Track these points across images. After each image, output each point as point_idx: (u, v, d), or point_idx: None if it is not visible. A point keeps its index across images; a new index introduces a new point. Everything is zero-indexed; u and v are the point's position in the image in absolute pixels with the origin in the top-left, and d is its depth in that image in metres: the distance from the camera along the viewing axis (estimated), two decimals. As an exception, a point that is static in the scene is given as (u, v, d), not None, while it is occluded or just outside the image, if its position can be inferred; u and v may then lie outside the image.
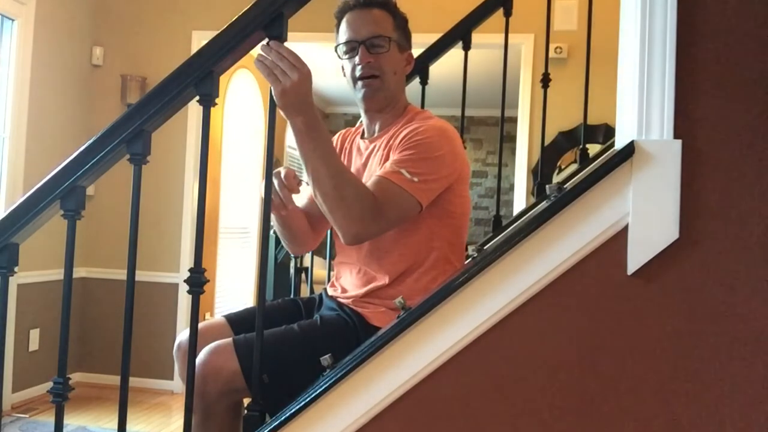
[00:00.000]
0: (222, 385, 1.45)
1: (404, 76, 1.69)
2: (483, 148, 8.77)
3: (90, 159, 1.33)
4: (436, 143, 1.52)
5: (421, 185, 1.47)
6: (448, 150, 1.54)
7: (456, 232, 1.63)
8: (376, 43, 1.58)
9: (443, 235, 1.59)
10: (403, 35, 1.65)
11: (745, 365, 1.15)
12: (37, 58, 4.23)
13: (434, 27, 2.78)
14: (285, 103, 1.33)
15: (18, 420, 3.87)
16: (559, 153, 4.31)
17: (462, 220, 1.64)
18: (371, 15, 1.59)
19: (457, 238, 1.63)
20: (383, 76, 1.59)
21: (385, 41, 1.58)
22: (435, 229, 1.58)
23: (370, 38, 1.58)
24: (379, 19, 1.59)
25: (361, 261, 1.62)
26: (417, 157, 1.48)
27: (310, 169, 1.40)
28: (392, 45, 1.60)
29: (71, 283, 1.38)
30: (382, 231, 1.48)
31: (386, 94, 1.62)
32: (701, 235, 1.17)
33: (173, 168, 4.70)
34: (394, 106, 1.67)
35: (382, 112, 1.66)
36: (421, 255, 1.58)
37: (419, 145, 1.50)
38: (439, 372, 1.21)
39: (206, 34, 4.43)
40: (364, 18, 1.59)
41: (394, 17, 1.63)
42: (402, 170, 1.46)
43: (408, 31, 1.68)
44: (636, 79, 1.19)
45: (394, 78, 1.62)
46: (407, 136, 1.53)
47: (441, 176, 1.51)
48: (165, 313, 4.64)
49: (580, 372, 1.19)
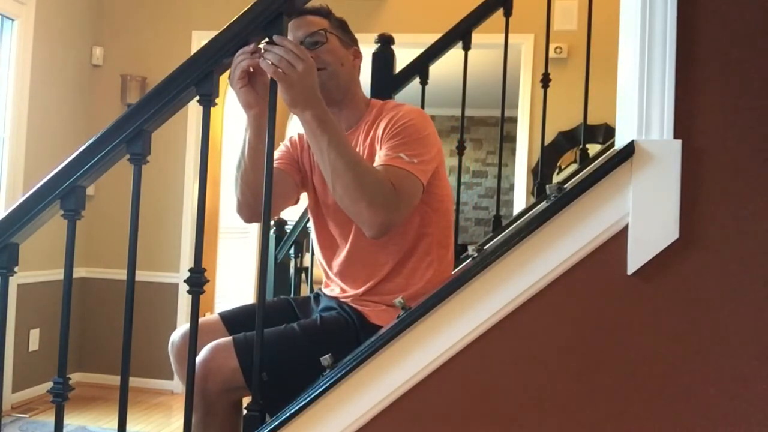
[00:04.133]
0: (222, 383, 1.45)
1: (356, 70, 1.70)
2: (483, 148, 8.78)
3: (90, 159, 1.32)
4: (420, 124, 1.55)
5: (420, 166, 1.48)
6: (431, 130, 1.58)
7: (444, 215, 1.65)
8: (313, 39, 1.60)
9: (434, 220, 1.61)
10: (343, 33, 1.68)
11: (746, 365, 1.15)
12: (37, 58, 4.23)
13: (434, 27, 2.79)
14: (293, 96, 1.33)
15: (18, 420, 3.87)
16: (559, 153, 4.31)
17: (448, 203, 1.66)
18: (305, 20, 1.63)
19: (446, 221, 1.66)
20: (329, 66, 1.60)
21: (321, 36, 1.61)
22: (425, 214, 1.59)
23: (307, 36, 1.60)
24: (313, 20, 1.63)
25: (356, 258, 1.62)
26: (409, 140, 1.50)
27: (327, 164, 1.39)
28: (331, 37, 1.62)
29: (71, 283, 1.38)
30: (403, 217, 1.48)
31: (337, 83, 1.61)
32: (701, 235, 1.17)
33: (173, 168, 4.70)
34: (352, 99, 1.67)
35: (341, 107, 1.65)
36: (415, 242, 1.59)
37: (406, 129, 1.52)
38: (440, 372, 1.21)
39: (206, 34, 4.43)
40: (299, 23, 1.63)
41: (329, 20, 1.66)
42: (401, 154, 1.47)
43: (349, 31, 1.71)
44: (636, 79, 1.19)
45: (342, 69, 1.63)
46: (390, 123, 1.55)
47: (432, 156, 1.54)
48: (165, 313, 4.64)
49: (580, 371, 1.19)
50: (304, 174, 1.74)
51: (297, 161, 1.74)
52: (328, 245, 1.71)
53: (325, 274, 1.76)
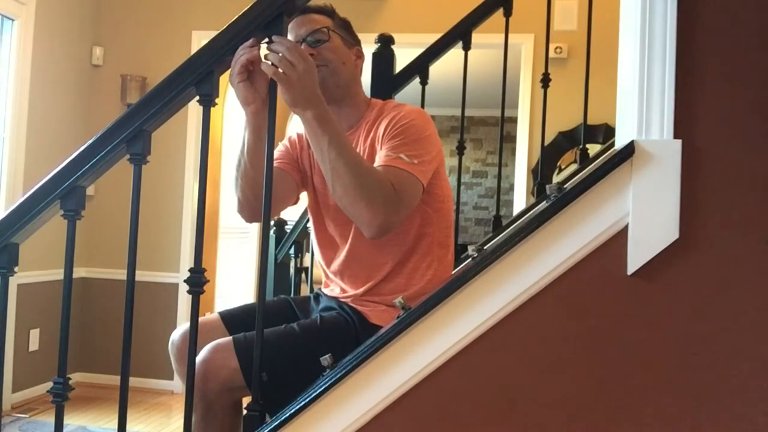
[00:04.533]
0: (222, 383, 1.45)
1: (357, 70, 1.70)
2: (483, 148, 8.78)
3: (90, 159, 1.32)
4: (421, 124, 1.55)
5: (420, 167, 1.48)
6: (432, 130, 1.58)
7: (444, 215, 1.64)
8: (315, 38, 1.60)
9: (433, 220, 1.61)
10: (346, 33, 1.68)
11: (746, 365, 1.15)
12: (37, 58, 4.23)
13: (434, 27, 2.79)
14: (294, 96, 1.33)
15: (18, 420, 3.87)
16: (559, 153, 4.31)
17: (448, 203, 1.66)
18: (309, 17, 1.64)
19: (446, 222, 1.65)
20: (330, 64, 1.60)
21: (323, 34, 1.61)
22: (426, 214, 1.59)
23: (309, 34, 1.61)
24: (317, 19, 1.64)
25: (355, 258, 1.62)
26: (409, 140, 1.50)
27: (327, 164, 1.39)
28: (333, 35, 1.63)
29: (71, 283, 1.38)
30: (402, 218, 1.48)
31: (337, 81, 1.61)
32: (701, 235, 1.17)
33: (173, 168, 4.70)
34: (353, 98, 1.67)
35: (341, 105, 1.65)
36: (415, 242, 1.59)
37: (407, 129, 1.52)
38: (439, 372, 1.21)
39: (206, 34, 4.43)
40: (302, 21, 1.63)
41: (332, 18, 1.67)
42: (401, 155, 1.47)
43: (353, 32, 1.71)
44: (636, 79, 1.19)
45: (343, 68, 1.63)
46: (391, 123, 1.55)
47: (432, 156, 1.54)
48: (165, 313, 4.64)
49: (580, 371, 1.19)
50: (304, 173, 1.74)
51: (297, 160, 1.74)
52: (328, 245, 1.71)
53: (324, 274, 1.76)
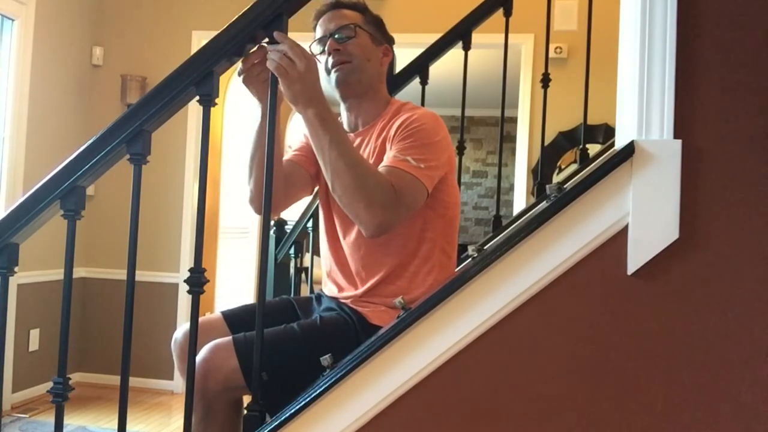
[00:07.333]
0: (222, 382, 1.45)
1: (383, 68, 1.70)
2: (483, 148, 8.78)
3: (90, 159, 1.32)
4: (433, 129, 1.55)
5: (427, 171, 1.48)
6: (443, 136, 1.57)
7: (449, 222, 1.64)
8: (343, 33, 1.61)
9: (437, 226, 1.60)
10: (377, 30, 1.68)
11: (746, 365, 1.15)
12: (37, 58, 4.23)
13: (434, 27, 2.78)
14: (295, 93, 1.34)
15: (18, 420, 3.87)
16: (559, 153, 4.31)
17: (454, 210, 1.65)
18: (339, 12, 1.65)
19: (450, 229, 1.65)
20: (354, 60, 1.61)
21: (350, 30, 1.62)
22: (428, 219, 1.59)
23: (337, 29, 1.61)
24: (347, 14, 1.65)
25: (356, 256, 1.62)
26: (418, 144, 1.50)
27: (327, 162, 1.40)
28: (361, 32, 1.63)
29: (71, 283, 1.38)
30: (401, 219, 1.47)
31: (360, 77, 1.62)
32: (701, 235, 1.17)
33: (173, 168, 4.70)
34: (374, 95, 1.67)
35: (361, 100, 1.66)
36: (416, 246, 1.59)
37: (417, 132, 1.52)
38: (439, 372, 1.21)
39: (206, 34, 4.43)
40: (332, 15, 1.65)
41: (363, 14, 1.67)
42: (408, 158, 1.47)
43: (384, 29, 1.71)
44: (636, 79, 1.19)
45: (368, 65, 1.63)
46: (403, 125, 1.55)
47: (441, 162, 1.53)
48: (165, 313, 4.64)
49: (580, 371, 1.19)
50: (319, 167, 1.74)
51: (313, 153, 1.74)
52: (334, 237, 1.71)
53: (326, 273, 1.76)
